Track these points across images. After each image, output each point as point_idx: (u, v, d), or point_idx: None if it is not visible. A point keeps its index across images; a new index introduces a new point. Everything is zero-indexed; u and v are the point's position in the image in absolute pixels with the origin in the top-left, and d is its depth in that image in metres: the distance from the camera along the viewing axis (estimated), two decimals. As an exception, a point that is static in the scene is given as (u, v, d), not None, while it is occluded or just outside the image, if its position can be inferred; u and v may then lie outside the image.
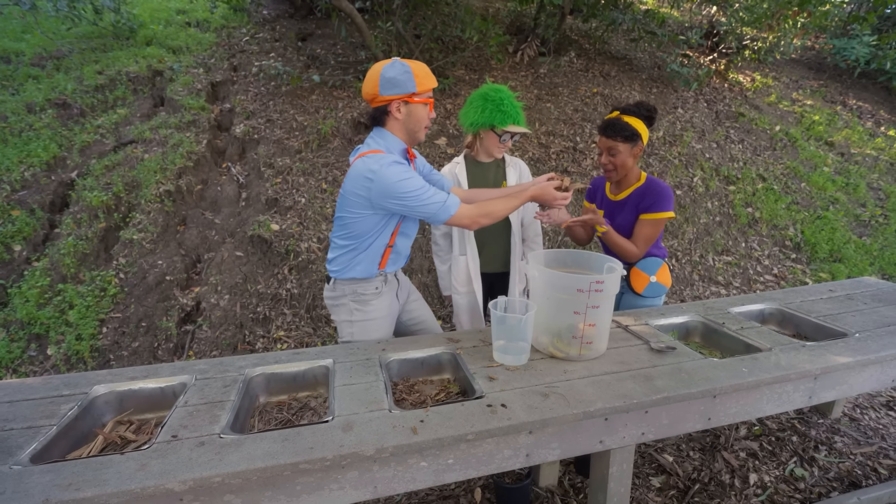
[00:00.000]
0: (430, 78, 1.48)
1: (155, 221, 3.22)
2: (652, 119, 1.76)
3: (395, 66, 1.42)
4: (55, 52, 4.27)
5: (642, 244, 1.77)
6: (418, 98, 1.45)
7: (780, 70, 5.93)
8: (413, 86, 1.43)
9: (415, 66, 1.44)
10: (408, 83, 1.42)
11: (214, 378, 1.36)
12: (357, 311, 1.61)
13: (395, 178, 1.38)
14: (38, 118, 3.64)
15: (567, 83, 4.95)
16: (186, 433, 1.10)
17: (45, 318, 2.65)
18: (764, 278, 3.67)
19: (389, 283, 1.67)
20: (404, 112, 1.47)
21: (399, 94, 1.42)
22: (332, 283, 1.62)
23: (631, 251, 1.76)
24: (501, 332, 1.45)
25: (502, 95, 1.85)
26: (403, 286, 1.78)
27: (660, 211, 1.73)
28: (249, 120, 4.06)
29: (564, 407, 1.20)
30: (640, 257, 1.80)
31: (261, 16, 5.45)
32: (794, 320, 1.86)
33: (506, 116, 1.84)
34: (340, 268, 1.58)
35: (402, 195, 1.40)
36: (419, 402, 1.40)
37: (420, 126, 1.52)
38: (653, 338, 1.60)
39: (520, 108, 1.89)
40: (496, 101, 1.84)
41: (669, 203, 1.74)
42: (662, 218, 1.74)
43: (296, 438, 1.08)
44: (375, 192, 1.41)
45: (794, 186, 4.37)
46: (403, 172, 1.40)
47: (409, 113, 1.47)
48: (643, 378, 1.34)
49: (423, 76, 1.45)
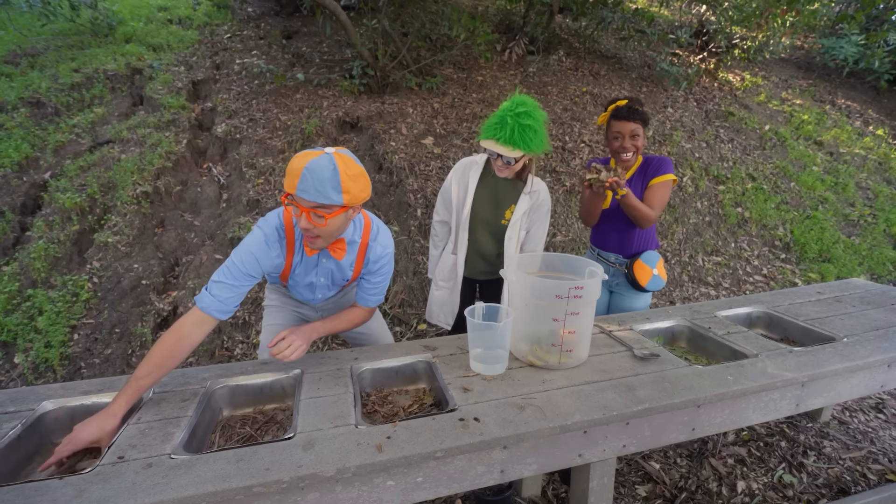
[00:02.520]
0: (287, 178, 1.17)
1: (131, 224, 3.12)
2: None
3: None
4: (30, 50, 4.15)
5: (658, 206, 1.78)
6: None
7: (770, 69, 5.92)
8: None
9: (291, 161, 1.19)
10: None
11: (174, 392, 1.28)
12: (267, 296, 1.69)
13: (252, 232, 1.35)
14: (9, 117, 3.52)
15: (556, 82, 4.90)
16: (134, 454, 1.02)
17: (12, 324, 2.55)
18: (753, 279, 3.64)
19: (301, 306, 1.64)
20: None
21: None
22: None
23: (648, 213, 1.75)
24: (478, 339, 1.39)
25: (505, 106, 1.61)
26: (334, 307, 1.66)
27: (666, 173, 1.79)
28: (231, 119, 3.97)
29: (541, 420, 1.14)
30: (655, 220, 1.79)
31: (245, 13, 5.35)
32: (783, 324, 1.82)
33: (488, 129, 1.64)
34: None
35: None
36: (391, 414, 1.33)
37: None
38: (636, 344, 1.55)
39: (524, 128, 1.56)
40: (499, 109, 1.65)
41: (671, 167, 1.81)
42: (669, 180, 1.80)
43: (252, 458, 1.01)
44: None
45: (783, 186, 4.35)
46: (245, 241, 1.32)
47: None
48: (624, 388, 1.28)
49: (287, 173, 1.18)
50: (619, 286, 1.94)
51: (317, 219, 1.17)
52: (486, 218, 1.85)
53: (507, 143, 1.59)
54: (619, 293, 1.94)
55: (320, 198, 1.13)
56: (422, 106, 4.32)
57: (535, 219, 1.84)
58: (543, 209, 1.83)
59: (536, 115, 1.60)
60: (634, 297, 1.90)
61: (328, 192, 1.13)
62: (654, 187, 1.79)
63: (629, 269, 1.83)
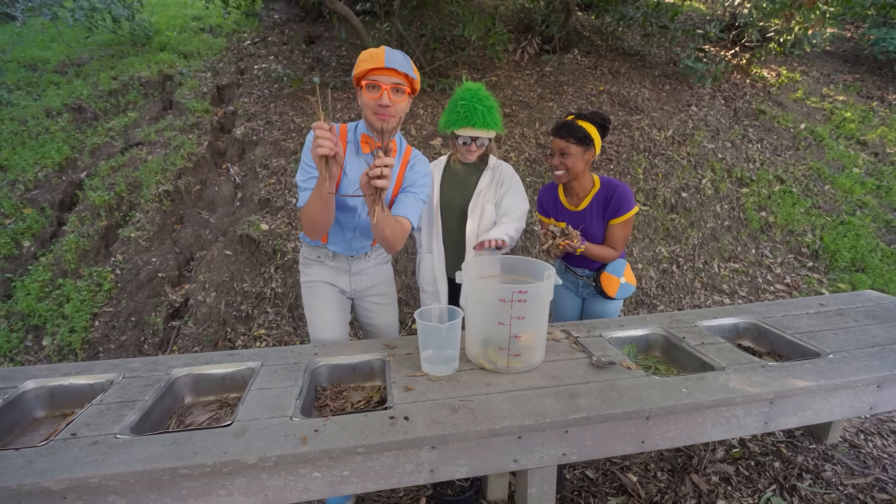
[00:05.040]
0: (369, 60, 1.35)
1: (152, 220, 3.36)
2: (606, 128, 1.76)
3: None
4: (77, 60, 4.53)
5: (620, 245, 1.78)
6: (361, 81, 1.39)
7: (811, 63, 5.51)
8: (353, 74, 1.40)
9: (364, 51, 1.39)
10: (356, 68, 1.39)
11: (141, 377, 1.38)
12: (302, 273, 1.70)
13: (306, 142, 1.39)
14: (54, 122, 3.87)
15: (573, 81, 4.80)
16: (87, 431, 1.11)
17: (43, 310, 2.81)
18: (774, 287, 3.42)
19: (337, 260, 1.65)
20: (359, 95, 1.43)
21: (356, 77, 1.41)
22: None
23: (611, 256, 1.78)
24: (427, 340, 1.40)
25: (465, 95, 1.77)
26: (364, 277, 1.72)
27: (628, 211, 1.74)
28: (250, 122, 4.17)
29: (470, 423, 1.14)
30: (618, 256, 1.80)
31: (272, 20, 5.59)
32: (770, 336, 1.71)
33: (459, 118, 1.75)
34: (302, 234, 1.63)
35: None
36: (339, 409, 1.37)
37: (367, 111, 1.40)
38: (599, 351, 1.51)
39: (489, 109, 1.75)
40: (454, 100, 1.78)
41: (632, 200, 1.75)
42: (631, 217, 1.76)
43: (186, 442, 1.07)
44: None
45: (815, 189, 4.05)
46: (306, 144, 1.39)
47: (359, 99, 1.44)
48: (568, 395, 1.26)
49: (363, 59, 1.37)
50: (589, 294, 1.92)
51: (397, 95, 1.36)
52: (456, 204, 1.87)
53: (483, 127, 1.73)
54: (591, 299, 1.91)
55: (407, 68, 1.36)
56: (433, 107, 4.36)
57: (504, 191, 1.86)
58: (508, 181, 1.86)
59: (493, 100, 1.77)
60: (606, 302, 1.85)
61: (410, 67, 1.37)
62: (617, 227, 1.75)
63: (596, 282, 1.81)
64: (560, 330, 1.69)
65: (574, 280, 1.96)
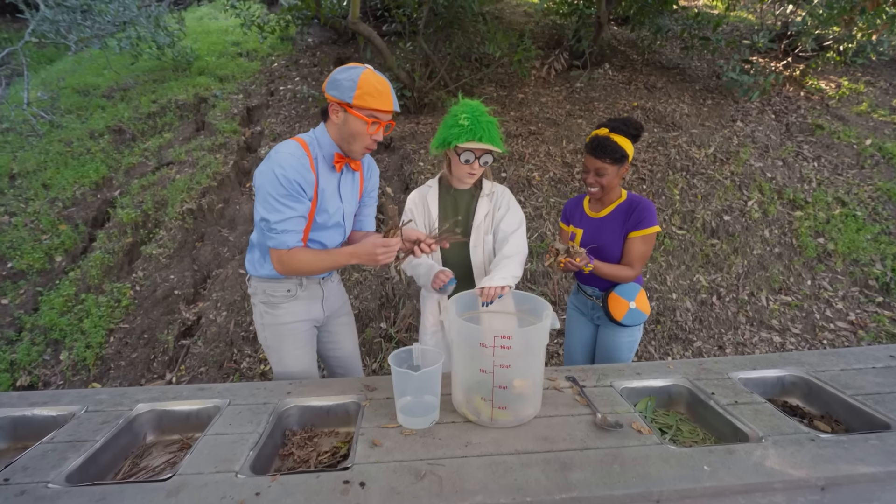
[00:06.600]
0: (379, 98, 1.33)
1: (174, 238, 3.43)
2: (638, 137, 1.63)
3: (349, 71, 1.34)
4: (123, 85, 4.83)
5: (638, 264, 1.65)
6: (356, 111, 1.34)
7: (877, 73, 4.98)
8: (350, 96, 1.33)
9: (367, 80, 1.32)
10: (347, 91, 1.32)
11: (103, 412, 1.31)
12: (267, 313, 1.52)
13: (268, 172, 1.31)
14: (95, 143, 4.10)
15: (605, 97, 4.57)
16: (21, 477, 1.03)
17: (64, 324, 2.89)
18: (835, 325, 2.99)
19: (308, 288, 1.53)
20: (341, 118, 1.38)
21: (336, 98, 1.34)
22: (248, 280, 1.56)
23: (626, 275, 1.64)
24: (403, 386, 1.24)
25: (464, 110, 1.62)
26: (333, 298, 1.62)
27: (649, 226, 1.63)
28: (275, 141, 4.24)
29: (433, 496, 0.96)
30: (635, 278, 1.66)
31: (305, 43, 5.76)
32: (824, 396, 1.41)
33: (463, 132, 1.58)
34: (251, 265, 1.52)
35: (261, 190, 1.33)
36: (304, 459, 1.23)
37: (355, 140, 1.40)
38: (606, 407, 1.29)
39: (492, 124, 1.61)
40: (454, 115, 1.62)
41: (655, 217, 1.65)
42: (653, 233, 1.64)
43: (115, 498, 0.97)
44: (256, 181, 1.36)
45: (885, 213, 3.56)
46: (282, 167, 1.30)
47: (345, 121, 1.38)
48: (559, 466, 1.05)
49: (369, 94, 1.32)
50: (600, 319, 1.76)
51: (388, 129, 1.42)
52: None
53: (489, 141, 1.58)
54: (603, 326, 1.76)
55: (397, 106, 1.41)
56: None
57: (501, 215, 1.69)
58: (506, 204, 1.70)
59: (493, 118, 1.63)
60: (617, 332, 1.67)
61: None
62: (636, 241, 1.63)
63: (604, 303, 1.64)
64: (565, 377, 1.47)
65: (585, 302, 1.81)
